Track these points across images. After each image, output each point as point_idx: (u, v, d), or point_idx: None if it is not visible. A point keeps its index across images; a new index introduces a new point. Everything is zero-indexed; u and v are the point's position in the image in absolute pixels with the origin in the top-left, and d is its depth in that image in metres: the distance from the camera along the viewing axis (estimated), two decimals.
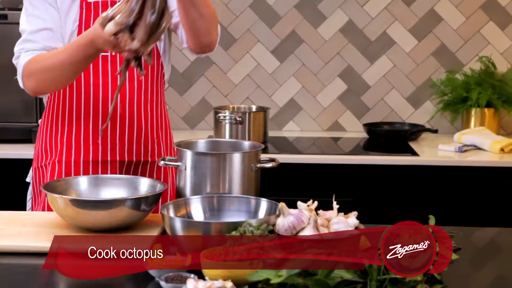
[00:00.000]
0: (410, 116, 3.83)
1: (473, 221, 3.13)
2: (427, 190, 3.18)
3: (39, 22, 2.15)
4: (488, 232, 2.19)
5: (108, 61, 2.22)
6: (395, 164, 3.19)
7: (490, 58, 3.70)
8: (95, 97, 2.23)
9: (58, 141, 2.29)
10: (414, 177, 3.19)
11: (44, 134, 2.33)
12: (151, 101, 2.28)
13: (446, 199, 3.17)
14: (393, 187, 3.19)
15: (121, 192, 2.05)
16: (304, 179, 3.22)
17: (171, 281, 1.56)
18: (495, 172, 3.16)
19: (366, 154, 3.37)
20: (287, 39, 3.81)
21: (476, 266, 1.84)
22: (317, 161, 3.24)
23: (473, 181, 3.16)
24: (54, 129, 2.29)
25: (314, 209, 1.74)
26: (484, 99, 3.54)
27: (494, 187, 3.16)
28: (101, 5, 2.18)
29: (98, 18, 1.87)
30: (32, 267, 1.78)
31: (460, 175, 3.17)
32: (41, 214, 2.09)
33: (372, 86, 3.83)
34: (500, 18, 3.74)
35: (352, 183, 3.20)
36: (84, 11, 2.16)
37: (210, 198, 1.88)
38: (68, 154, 2.27)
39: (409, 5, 3.76)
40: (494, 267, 1.85)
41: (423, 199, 3.17)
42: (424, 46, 3.78)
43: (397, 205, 3.18)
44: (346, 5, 3.78)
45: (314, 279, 1.39)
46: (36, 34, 2.14)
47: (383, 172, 3.19)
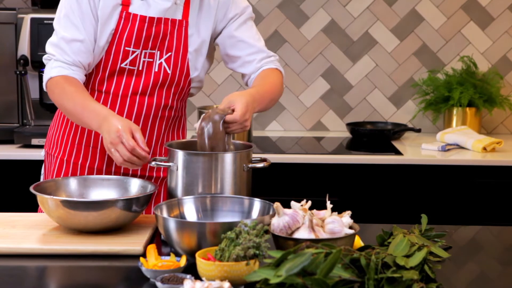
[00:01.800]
0: (392, 116, 3.85)
1: (457, 219, 3.16)
2: (411, 189, 3.20)
3: (73, 30, 2.15)
4: (474, 230, 2.21)
5: (133, 75, 2.22)
6: (379, 163, 3.21)
7: (471, 58, 3.73)
8: (111, 107, 2.23)
9: (70, 139, 2.29)
10: (398, 176, 3.20)
11: (60, 122, 2.33)
12: (168, 117, 2.28)
13: (430, 198, 3.19)
14: (377, 186, 3.21)
15: (112, 193, 2.04)
16: (287, 179, 3.22)
17: (167, 282, 1.55)
18: (478, 171, 3.18)
19: (350, 153, 3.38)
20: (270, 39, 3.81)
21: (466, 264, 1.85)
22: (300, 161, 3.24)
23: (457, 179, 3.19)
24: (69, 124, 2.29)
25: (308, 208, 1.74)
26: (466, 99, 3.57)
27: (478, 185, 3.18)
28: (139, 19, 2.17)
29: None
30: (21, 269, 1.76)
31: (444, 174, 3.19)
32: (31, 216, 2.07)
33: (354, 86, 3.84)
34: (481, 18, 3.77)
35: (336, 183, 3.21)
36: (123, 20, 2.16)
37: (203, 198, 1.87)
38: (77, 157, 2.28)
39: (391, 5, 3.78)
40: (483, 264, 1.87)
41: (407, 198, 3.19)
42: (406, 46, 3.81)
43: (382, 204, 3.20)
44: (329, 5, 3.79)
45: (313, 278, 1.39)
46: (68, 44, 2.15)
47: (367, 171, 3.21)
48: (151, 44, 2.19)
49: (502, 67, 3.79)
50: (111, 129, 1.95)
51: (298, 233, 1.66)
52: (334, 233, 1.65)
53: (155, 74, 2.21)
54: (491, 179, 3.18)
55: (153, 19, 2.18)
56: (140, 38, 2.17)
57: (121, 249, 1.80)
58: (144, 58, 2.19)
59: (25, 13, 3.25)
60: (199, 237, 1.66)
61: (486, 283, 1.74)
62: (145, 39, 2.17)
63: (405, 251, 1.64)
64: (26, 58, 3.22)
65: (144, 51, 2.18)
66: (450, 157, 3.23)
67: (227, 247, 1.59)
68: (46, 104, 3.28)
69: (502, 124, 3.83)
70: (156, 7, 2.18)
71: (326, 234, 1.66)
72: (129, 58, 2.18)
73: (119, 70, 2.20)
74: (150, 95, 2.22)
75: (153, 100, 2.23)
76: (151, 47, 2.19)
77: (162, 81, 2.21)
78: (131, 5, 2.18)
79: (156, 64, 2.21)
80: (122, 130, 1.93)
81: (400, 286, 1.48)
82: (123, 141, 1.93)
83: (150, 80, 2.21)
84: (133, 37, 2.17)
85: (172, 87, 2.24)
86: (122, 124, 1.95)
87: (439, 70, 3.79)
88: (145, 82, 2.21)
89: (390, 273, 1.48)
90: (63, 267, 1.77)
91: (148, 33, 2.17)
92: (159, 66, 2.20)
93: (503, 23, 3.77)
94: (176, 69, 2.22)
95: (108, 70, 2.20)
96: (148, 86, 2.21)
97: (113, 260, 1.80)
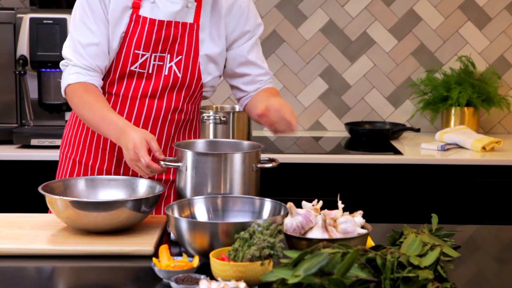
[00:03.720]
0: (390, 115, 3.86)
1: (457, 218, 3.17)
2: (411, 189, 3.21)
3: (88, 34, 2.16)
4: (473, 229, 2.22)
5: (143, 78, 2.21)
6: (378, 163, 3.21)
7: (469, 58, 3.75)
8: (121, 109, 2.23)
9: (82, 140, 2.29)
10: (398, 176, 3.21)
11: (73, 123, 2.33)
12: (178, 120, 2.27)
13: (430, 197, 3.20)
14: (377, 186, 3.21)
15: (120, 193, 2.04)
16: (285, 179, 3.22)
17: (182, 282, 1.55)
18: (477, 170, 3.20)
19: (348, 153, 3.39)
20: (268, 39, 3.81)
21: (477, 263, 1.86)
22: (299, 161, 3.24)
23: (457, 179, 3.20)
24: (81, 126, 2.29)
25: (319, 208, 1.74)
26: (465, 98, 3.59)
27: (477, 185, 3.20)
28: (149, 22, 2.17)
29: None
30: (31, 270, 1.75)
31: (444, 174, 3.20)
32: (39, 216, 2.06)
33: (352, 86, 3.85)
34: (478, 18, 3.79)
35: (335, 183, 3.22)
36: (133, 23, 2.16)
37: (213, 198, 1.87)
38: (87, 158, 2.27)
39: (389, 5, 3.79)
40: (493, 263, 1.88)
41: (407, 198, 3.20)
42: (403, 45, 3.82)
43: (382, 204, 3.21)
44: (327, 5, 3.79)
45: (331, 278, 1.39)
46: (86, 48, 2.15)
47: (367, 171, 3.21)
48: (161, 47, 2.18)
49: (500, 66, 3.81)
50: (128, 146, 1.97)
51: (311, 233, 1.66)
52: (347, 233, 1.65)
53: (165, 77, 2.20)
54: (491, 178, 3.20)
55: (163, 22, 2.17)
56: (149, 41, 2.16)
57: (132, 250, 1.80)
58: (154, 61, 2.18)
59: (24, 13, 3.24)
60: (211, 237, 1.66)
61: (489, 282, 1.75)
62: (155, 42, 2.17)
63: (418, 250, 1.64)
64: (25, 58, 3.20)
65: (154, 54, 2.17)
66: (449, 157, 3.24)
67: (241, 247, 1.59)
68: (45, 104, 3.27)
69: (500, 123, 3.85)
70: (166, 10, 2.17)
71: (339, 234, 1.66)
72: (138, 61, 2.17)
73: (129, 73, 2.19)
74: (159, 98, 2.21)
75: (163, 103, 2.22)
76: (161, 50, 2.18)
77: (172, 84, 2.21)
78: (141, 8, 2.17)
79: (166, 67, 2.20)
80: (138, 146, 1.95)
81: (415, 286, 1.49)
82: (139, 158, 1.94)
83: (160, 83, 2.20)
84: (142, 40, 2.16)
85: (183, 90, 2.23)
86: (138, 137, 1.96)
87: (437, 70, 3.80)
88: (155, 85, 2.20)
89: (406, 273, 1.48)
90: (73, 268, 1.77)
91: (158, 36, 2.17)
92: (169, 69, 2.19)
93: (500, 23, 3.79)
94: (186, 72, 2.21)
95: (118, 73, 2.19)
96: (158, 89, 2.20)
97: (123, 261, 1.79)
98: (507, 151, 3.35)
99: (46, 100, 3.27)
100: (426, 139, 3.54)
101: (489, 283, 1.74)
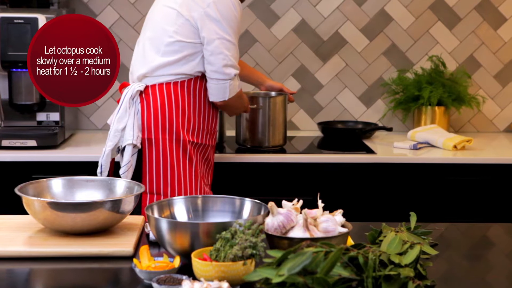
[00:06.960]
0: (362, 115, 3.88)
1: (429, 216, 3.20)
2: (384, 188, 3.23)
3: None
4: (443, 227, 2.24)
5: None
6: (351, 162, 3.23)
7: (440, 57, 3.78)
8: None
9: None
10: (371, 175, 3.23)
11: None
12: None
13: (403, 196, 3.22)
14: (350, 185, 3.23)
15: (97, 194, 2.02)
16: (259, 178, 3.22)
17: (164, 283, 1.54)
18: (449, 169, 3.23)
19: (321, 152, 3.40)
20: (241, 38, 3.79)
21: (450, 260, 1.88)
22: (272, 160, 3.24)
23: (429, 177, 3.22)
24: None
25: (300, 207, 1.74)
26: (436, 98, 3.62)
27: (449, 183, 3.23)
28: None
29: None
30: (8, 272, 1.73)
31: (416, 172, 3.22)
32: (15, 218, 2.04)
33: (325, 85, 3.86)
34: (448, 18, 3.83)
35: (310, 182, 3.22)
36: None
37: (193, 198, 1.86)
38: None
39: (360, 5, 3.81)
40: (465, 260, 1.90)
41: (381, 196, 3.22)
42: (375, 45, 3.84)
43: (357, 203, 3.22)
44: (299, 5, 3.80)
45: (314, 277, 1.39)
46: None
47: (340, 170, 3.22)
48: None
49: (469, 66, 3.84)
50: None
51: (292, 232, 1.67)
52: (329, 232, 1.66)
53: None
54: (462, 176, 3.23)
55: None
56: None
57: (111, 251, 1.79)
58: None
59: None
60: (192, 238, 1.66)
61: (463, 279, 1.78)
62: None
63: (398, 249, 1.66)
64: None
65: None
66: (422, 156, 3.27)
67: (223, 247, 1.58)
68: (16, 105, 3.23)
69: (470, 122, 3.89)
70: None
71: (320, 233, 1.67)
72: None
73: None
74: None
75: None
76: None
77: None
78: None
79: None
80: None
81: (396, 284, 1.50)
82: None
83: None
84: None
85: None
86: None
87: (408, 70, 3.83)
88: None
89: (388, 271, 1.49)
90: (51, 270, 1.75)
91: None
92: None
93: (469, 23, 3.83)
94: None
95: None
96: None
97: (102, 262, 1.78)
98: (478, 150, 3.39)
99: (17, 100, 3.23)
100: (398, 138, 3.56)
101: (464, 279, 1.76)
